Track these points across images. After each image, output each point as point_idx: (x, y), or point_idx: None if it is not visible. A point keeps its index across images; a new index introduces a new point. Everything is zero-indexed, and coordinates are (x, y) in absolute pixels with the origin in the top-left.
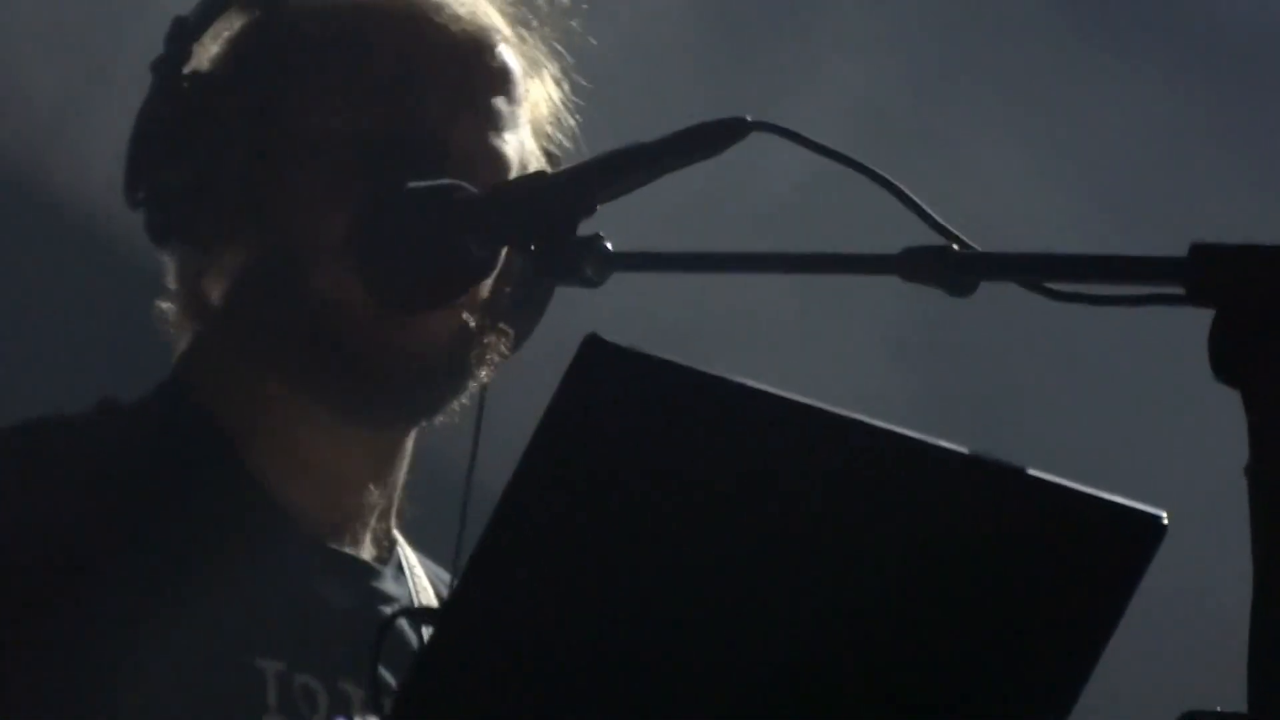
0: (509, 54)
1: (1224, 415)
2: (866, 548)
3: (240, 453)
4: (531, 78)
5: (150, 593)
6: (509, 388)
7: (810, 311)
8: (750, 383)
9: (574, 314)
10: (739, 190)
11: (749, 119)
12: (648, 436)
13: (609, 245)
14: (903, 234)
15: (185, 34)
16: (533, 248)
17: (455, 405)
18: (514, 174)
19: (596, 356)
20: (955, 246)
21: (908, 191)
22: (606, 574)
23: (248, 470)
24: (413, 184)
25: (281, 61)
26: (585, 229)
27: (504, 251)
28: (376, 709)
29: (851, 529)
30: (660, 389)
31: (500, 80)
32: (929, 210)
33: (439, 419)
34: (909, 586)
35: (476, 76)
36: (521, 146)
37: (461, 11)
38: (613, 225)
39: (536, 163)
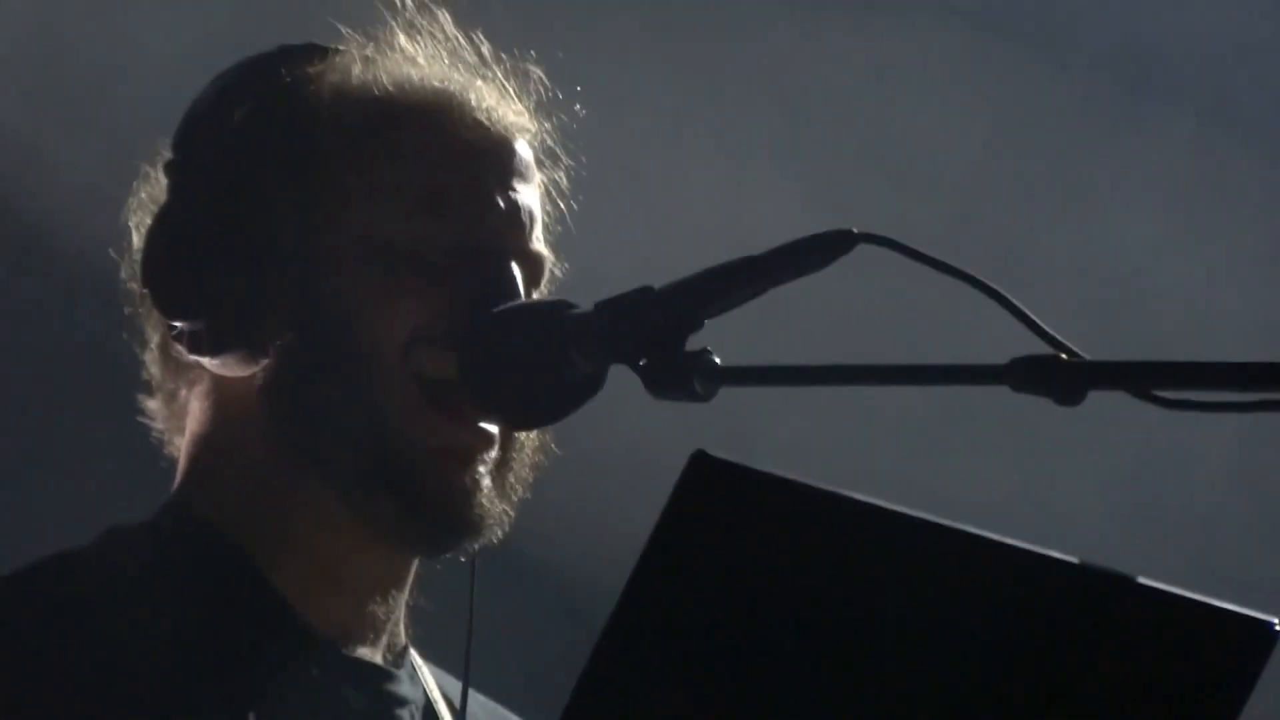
0: (527, 148)
1: None
2: (976, 657)
3: (262, 567)
4: (543, 166)
5: None
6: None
7: None
8: (854, 495)
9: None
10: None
11: (855, 231)
12: (756, 552)
13: (717, 360)
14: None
15: (199, 135)
16: (642, 363)
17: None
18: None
19: (703, 472)
20: (1064, 356)
21: (1016, 302)
22: (716, 695)
23: (268, 583)
24: (521, 301)
25: (320, 159)
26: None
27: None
28: None
29: (961, 639)
30: (767, 504)
31: (529, 176)
32: (1038, 320)
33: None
34: (1019, 696)
35: (516, 178)
36: (545, 249)
37: (489, 109)
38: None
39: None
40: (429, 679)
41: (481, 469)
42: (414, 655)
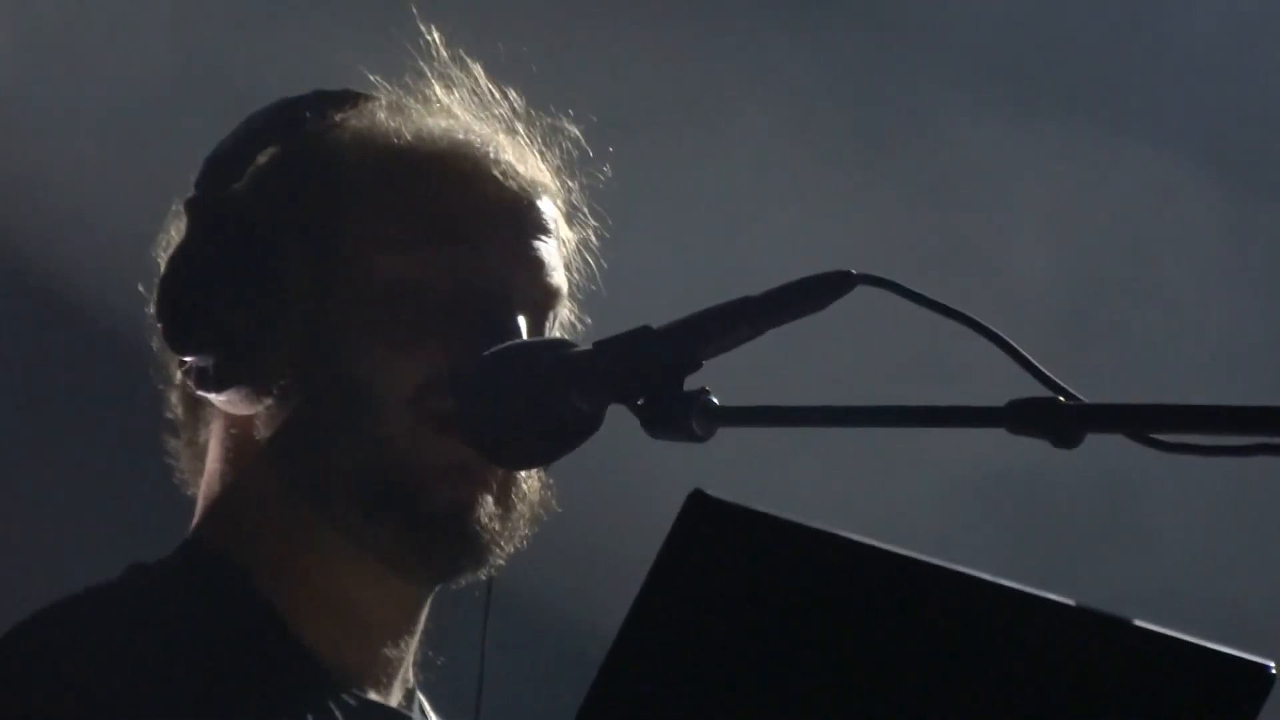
0: (551, 205)
1: None
2: (972, 699)
3: (277, 607)
4: (570, 225)
5: None
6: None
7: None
8: (851, 535)
9: None
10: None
11: (854, 272)
12: (753, 592)
13: (715, 400)
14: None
15: (222, 174)
16: (640, 403)
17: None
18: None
19: (701, 512)
20: (1061, 399)
21: (1014, 344)
22: None
23: (285, 624)
24: (519, 340)
25: (335, 202)
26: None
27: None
28: None
29: (957, 681)
30: (764, 544)
31: (547, 230)
32: (1036, 363)
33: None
34: None
35: (529, 229)
36: (562, 290)
37: (511, 162)
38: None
39: (570, 304)
40: None
41: (484, 486)
42: (421, 699)
